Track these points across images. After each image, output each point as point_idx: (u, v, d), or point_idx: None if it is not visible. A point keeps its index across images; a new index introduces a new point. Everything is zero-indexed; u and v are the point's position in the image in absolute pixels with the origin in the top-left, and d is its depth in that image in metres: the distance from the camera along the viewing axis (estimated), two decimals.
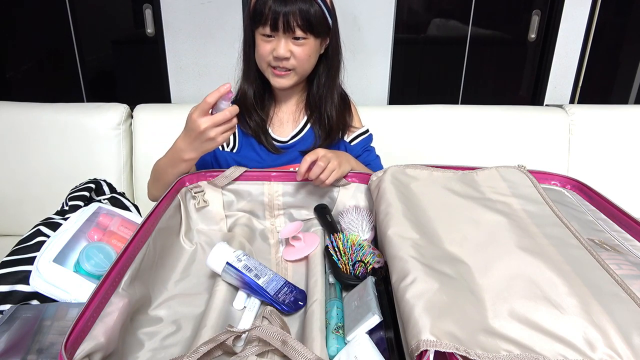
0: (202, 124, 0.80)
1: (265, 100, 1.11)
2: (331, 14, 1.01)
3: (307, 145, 1.09)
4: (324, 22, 0.99)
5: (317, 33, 0.98)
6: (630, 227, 0.68)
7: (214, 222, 0.84)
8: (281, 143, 1.10)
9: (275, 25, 0.94)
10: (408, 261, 0.56)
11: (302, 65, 1.01)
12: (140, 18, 1.83)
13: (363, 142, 1.15)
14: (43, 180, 1.51)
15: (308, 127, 1.11)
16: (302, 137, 1.10)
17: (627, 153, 1.60)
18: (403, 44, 1.86)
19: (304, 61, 1.00)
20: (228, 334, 0.55)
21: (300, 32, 0.96)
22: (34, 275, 0.71)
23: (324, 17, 0.98)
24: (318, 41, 1.00)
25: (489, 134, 1.58)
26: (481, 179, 0.78)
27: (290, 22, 0.94)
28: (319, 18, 0.97)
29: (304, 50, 0.98)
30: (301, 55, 0.99)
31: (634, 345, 0.44)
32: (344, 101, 1.14)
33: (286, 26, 0.94)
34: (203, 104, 0.80)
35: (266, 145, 1.07)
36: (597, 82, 1.98)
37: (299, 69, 1.01)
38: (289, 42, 0.97)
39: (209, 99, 0.79)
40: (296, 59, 0.99)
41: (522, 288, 0.52)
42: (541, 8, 1.85)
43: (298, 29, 0.95)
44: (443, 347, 0.43)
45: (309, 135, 1.10)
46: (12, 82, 1.93)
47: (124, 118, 1.52)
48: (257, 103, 1.09)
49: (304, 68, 1.02)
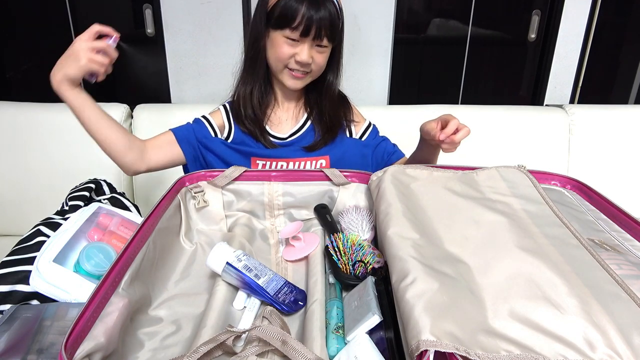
0: (80, 40, 0.85)
1: (265, 99, 1.10)
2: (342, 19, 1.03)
3: (309, 141, 1.09)
4: (341, 29, 1.02)
5: (335, 40, 1.01)
6: (630, 227, 0.68)
7: (214, 222, 0.84)
8: (280, 140, 1.10)
9: (307, 32, 0.95)
10: (408, 261, 0.56)
11: (320, 70, 1.04)
12: (140, 18, 1.83)
13: (373, 133, 1.18)
14: (43, 180, 1.51)
15: (309, 124, 1.12)
16: (302, 134, 1.11)
17: (627, 153, 1.60)
18: (403, 44, 1.86)
19: (321, 67, 1.03)
20: (228, 334, 0.55)
21: (326, 41, 0.98)
22: (34, 275, 0.71)
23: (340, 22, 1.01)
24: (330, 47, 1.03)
25: (489, 134, 1.58)
26: (481, 179, 0.78)
27: (321, 29, 0.95)
28: (338, 25, 0.99)
29: (323, 57, 1.01)
30: (320, 61, 1.01)
31: (634, 345, 0.44)
32: (343, 98, 1.16)
33: (317, 34, 0.95)
34: (90, 29, 0.86)
35: (263, 142, 1.07)
36: (597, 82, 1.98)
37: (315, 72, 1.03)
38: (313, 48, 0.98)
39: (96, 26, 0.86)
40: (315, 64, 1.01)
41: (522, 288, 0.52)
42: (541, 8, 1.85)
43: (325, 37, 0.97)
44: (443, 347, 0.43)
45: (310, 131, 1.11)
46: (12, 82, 1.93)
47: (124, 118, 1.52)
48: (258, 102, 1.08)
49: (320, 71, 1.05)
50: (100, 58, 0.86)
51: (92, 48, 0.85)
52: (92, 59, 0.85)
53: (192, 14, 1.72)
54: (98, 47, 0.86)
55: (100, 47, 0.86)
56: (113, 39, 0.87)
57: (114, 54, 0.88)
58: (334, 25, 0.96)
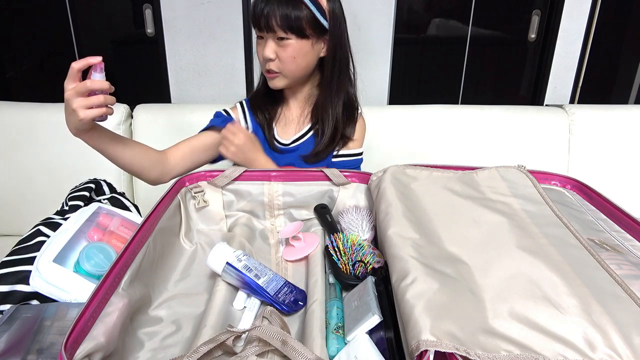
0: (66, 91, 0.77)
1: (274, 99, 1.12)
2: (325, 16, 0.99)
3: (307, 150, 1.09)
4: (313, 23, 0.97)
5: (301, 34, 0.96)
6: (630, 227, 0.68)
7: (214, 222, 0.84)
8: (283, 145, 1.10)
9: (259, 24, 0.96)
10: (408, 261, 0.56)
11: (287, 67, 1.00)
12: (140, 18, 1.83)
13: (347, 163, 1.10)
14: (43, 180, 1.51)
15: (310, 134, 1.11)
16: (303, 142, 1.11)
17: (627, 153, 1.60)
18: (403, 44, 1.86)
19: (288, 63, 0.99)
20: (228, 334, 0.55)
21: (282, 32, 0.95)
22: (34, 275, 0.71)
23: (314, 18, 0.96)
24: (306, 43, 0.98)
25: (489, 134, 1.58)
26: (481, 179, 0.78)
27: (270, 21, 0.94)
28: (306, 18, 0.95)
29: (286, 52, 0.98)
30: (284, 57, 0.98)
31: (634, 345, 0.44)
32: (350, 112, 1.10)
33: (267, 25, 0.94)
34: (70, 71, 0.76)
35: (269, 142, 1.09)
36: (597, 82, 1.98)
37: (284, 71, 1.01)
38: (273, 43, 0.97)
39: (74, 65, 0.76)
40: (280, 60, 0.99)
41: (522, 288, 0.52)
42: (541, 8, 1.85)
43: (279, 28, 0.95)
44: (443, 347, 0.43)
45: (310, 141, 1.10)
46: (12, 82, 1.93)
47: (124, 118, 1.52)
48: (267, 101, 1.11)
49: (291, 70, 1.01)
50: (94, 100, 0.78)
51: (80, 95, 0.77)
52: (86, 106, 0.77)
53: (192, 14, 1.72)
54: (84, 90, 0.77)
55: (87, 89, 0.77)
56: (97, 69, 0.77)
57: (104, 86, 0.78)
58: (286, 15, 0.93)
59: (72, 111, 0.78)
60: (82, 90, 0.77)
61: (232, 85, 1.79)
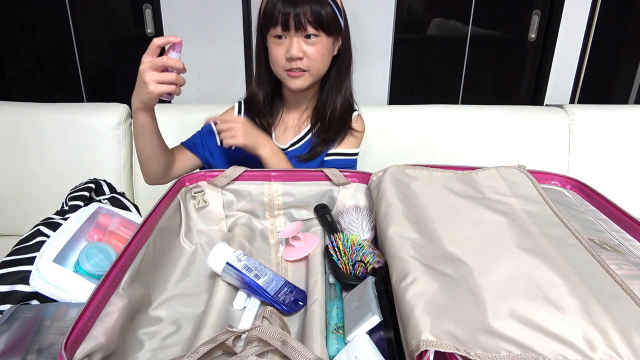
0: (142, 63, 0.81)
1: (274, 105, 1.11)
2: (342, 15, 1.00)
3: (304, 152, 1.09)
4: (335, 21, 0.98)
5: (329, 31, 0.97)
6: (630, 227, 0.68)
7: (214, 222, 0.84)
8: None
9: (287, 24, 0.93)
10: (408, 261, 0.56)
11: (316, 64, 0.99)
12: (140, 18, 1.83)
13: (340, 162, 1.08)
14: (43, 180, 1.51)
15: (308, 137, 1.10)
16: (300, 146, 1.10)
17: (627, 153, 1.60)
18: (403, 44, 1.86)
19: (317, 60, 0.98)
20: (228, 334, 0.55)
21: (312, 30, 0.94)
22: (34, 275, 0.71)
23: (335, 16, 0.98)
24: (330, 40, 0.99)
25: (489, 134, 1.58)
26: (481, 179, 0.78)
27: (301, 19, 0.93)
28: (331, 16, 0.96)
29: (316, 49, 0.97)
30: (314, 55, 0.97)
31: (634, 345, 0.44)
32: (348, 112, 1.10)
33: (297, 24, 0.93)
34: (150, 45, 0.80)
35: None
36: (597, 82, 1.98)
37: (313, 69, 0.99)
38: (301, 41, 0.96)
39: (156, 40, 0.80)
40: (309, 58, 0.97)
41: (522, 288, 0.52)
42: (541, 8, 1.86)
43: (310, 26, 0.94)
44: (443, 348, 0.43)
45: (307, 144, 1.10)
46: (12, 82, 1.93)
47: (124, 118, 1.52)
48: (266, 107, 1.09)
49: (318, 68, 1.00)
50: (167, 76, 0.82)
51: (154, 69, 0.81)
52: (158, 80, 0.82)
53: (192, 14, 1.72)
54: (160, 65, 0.81)
55: (162, 65, 0.81)
56: (176, 49, 0.82)
57: (179, 65, 0.82)
58: (317, 12, 0.93)
59: (144, 83, 0.82)
60: (157, 64, 0.81)
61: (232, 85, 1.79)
